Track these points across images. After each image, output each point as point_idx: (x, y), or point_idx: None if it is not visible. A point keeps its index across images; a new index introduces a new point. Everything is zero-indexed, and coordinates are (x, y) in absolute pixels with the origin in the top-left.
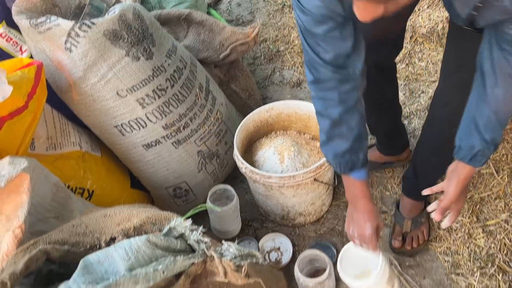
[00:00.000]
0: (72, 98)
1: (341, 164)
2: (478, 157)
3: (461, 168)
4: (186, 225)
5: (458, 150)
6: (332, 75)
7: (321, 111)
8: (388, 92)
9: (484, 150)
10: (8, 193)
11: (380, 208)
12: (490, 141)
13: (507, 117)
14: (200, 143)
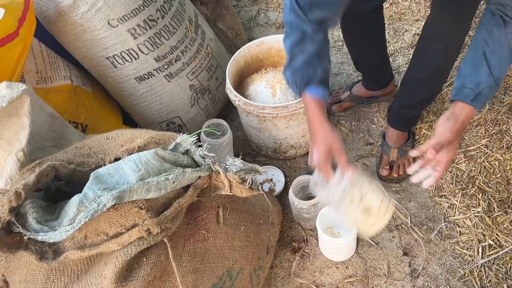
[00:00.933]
0: (62, 29)
1: (297, 80)
2: (481, 97)
3: (459, 110)
4: (192, 140)
5: (460, 91)
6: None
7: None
8: (376, 29)
9: (489, 90)
10: (8, 117)
11: (367, 140)
12: (496, 79)
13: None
14: (192, 77)
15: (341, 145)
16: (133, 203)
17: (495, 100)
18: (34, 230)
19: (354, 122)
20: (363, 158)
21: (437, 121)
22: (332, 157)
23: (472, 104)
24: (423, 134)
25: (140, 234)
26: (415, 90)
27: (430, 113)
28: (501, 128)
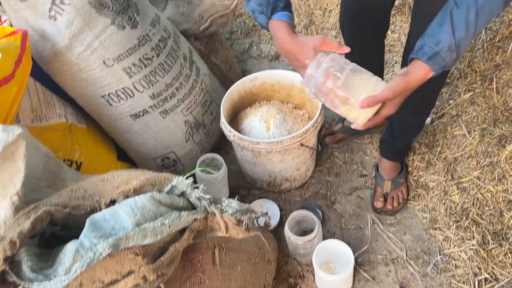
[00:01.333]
0: (58, 69)
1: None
2: (439, 58)
3: (413, 68)
4: (188, 182)
5: (419, 49)
6: None
7: None
8: (378, 54)
9: (447, 52)
10: (4, 160)
11: (361, 172)
12: (457, 42)
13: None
14: (187, 113)
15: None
16: (129, 249)
17: (485, 133)
18: (28, 279)
19: (347, 153)
20: (357, 190)
21: (428, 152)
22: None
23: (428, 62)
24: (416, 166)
25: (136, 281)
26: (403, 117)
27: (422, 145)
28: (492, 160)
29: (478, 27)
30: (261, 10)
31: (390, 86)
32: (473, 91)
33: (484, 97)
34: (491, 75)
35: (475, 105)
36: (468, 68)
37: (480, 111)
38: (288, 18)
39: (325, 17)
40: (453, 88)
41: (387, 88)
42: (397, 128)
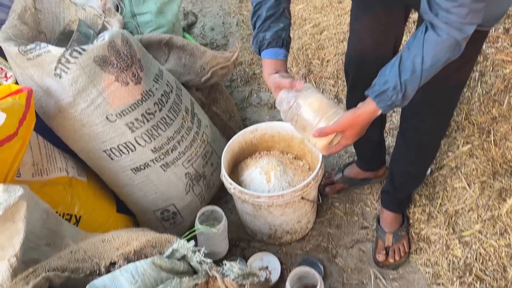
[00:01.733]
0: (61, 124)
1: (254, 45)
2: (385, 96)
3: (364, 104)
4: (189, 246)
5: (372, 86)
6: None
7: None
8: None
9: (393, 91)
10: (4, 221)
11: (362, 224)
12: (403, 83)
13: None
14: (187, 165)
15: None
16: None
17: (485, 186)
18: None
19: (348, 204)
20: (359, 243)
21: (429, 204)
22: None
23: (375, 100)
24: (417, 218)
25: None
26: (403, 168)
27: (422, 196)
28: (493, 213)
29: (425, 72)
30: (255, 47)
31: (339, 120)
32: (472, 143)
33: (482, 150)
34: (489, 128)
35: (474, 158)
36: (466, 121)
37: (479, 164)
38: (271, 55)
39: (323, 67)
40: (451, 140)
41: (336, 121)
42: (398, 179)
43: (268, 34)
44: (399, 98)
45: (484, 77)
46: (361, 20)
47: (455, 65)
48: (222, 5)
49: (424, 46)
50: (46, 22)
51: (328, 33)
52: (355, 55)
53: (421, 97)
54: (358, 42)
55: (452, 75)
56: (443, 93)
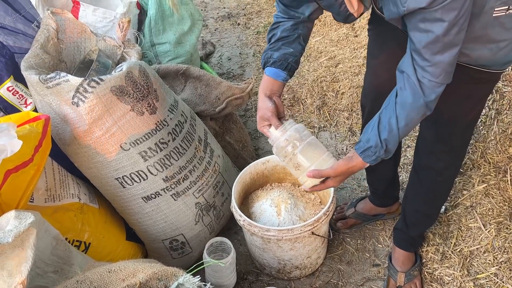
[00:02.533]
0: (75, 151)
1: (262, 60)
2: (369, 152)
3: (355, 157)
4: (195, 281)
5: (358, 142)
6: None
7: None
8: None
9: (375, 148)
10: (13, 248)
11: (374, 261)
12: (383, 141)
13: (405, 125)
14: (198, 195)
15: (271, 112)
16: None
17: (501, 227)
18: None
19: (359, 240)
20: (369, 281)
21: (443, 244)
22: (267, 121)
23: (361, 155)
24: (430, 258)
25: None
26: (416, 206)
27: (436, 235)
28: (509, 256)
29: (401, 129)
30: (261, 63)
31: (334, 166)
32: (487, 182)
33: (498, 189)
34: (505, 167)
35: (490, 197)
36: (481, 159)
37: (495, 204)
38: (273, 74)
39: (337, 99)
40: (466, 178)
41: (331, 167)
42: (411, 217)
43: (276, 54)
44: (382, 153)
45: (500, 116)
46: (378, 56)
47: (467, 106)
48: (240, 36)
49: (396, 108)
50: (67, 51)
51: (344, 66)
52: (372, 90)
53: (435, 137)
54: (374, 78)
55: (465, 115)
56: (457, 132)
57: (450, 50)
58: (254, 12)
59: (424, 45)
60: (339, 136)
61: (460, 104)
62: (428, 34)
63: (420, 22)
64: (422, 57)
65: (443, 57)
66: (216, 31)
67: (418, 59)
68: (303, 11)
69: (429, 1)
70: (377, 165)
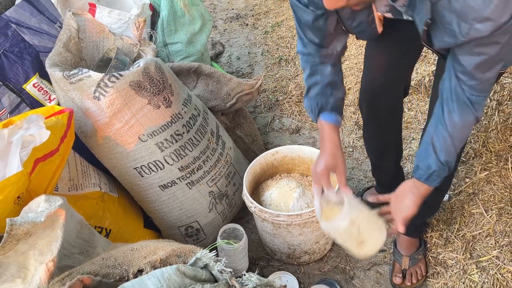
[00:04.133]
0: (96, 142)
1: (312, 107)
2: (433, 177)
3: (419, 186)
4: (211, 256)
5: (416, 170)
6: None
7: (303, 65)
8: (393, 134)
9: (439, 171)
10: (44, 228)
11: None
12: (444, 163)
13: (461, 141)
14: (211, 184)
15: (344, 166)
16: None
17: (502, 212)
18: None
19: None
20: (376, 266)
21: (446, 229)
22: (331, 173)
23: (426, 183)
24: (434, 243)
25: None
26: None
27: (440, 221)
28: (510, 239)
29: (457, 147)
30: (310, 108)
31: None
32: (489, 170)
33: (500, 177)
34: (506, 155)
35: (492, 184)
36: (483, 148)
37: (497, 190)
38: (334, 119)
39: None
40: (468, 166)
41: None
42: None
43: (331, 99)
44: (447, 171)
45: (501, 106)
46: (375, 58)
47: None
48: (249, 36)
49: (449, 130)
50: (87, 50)
51: (350, 63)
52: (368, 91)
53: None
54: (371, 80)
55: None
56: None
57: (498, 65)
58: (262, 12)
59: (475, 66)
60: (346, 130)
61: None
62: (480, 56)
63: (475, 47)
64: (471, 77)
65: (491, 73)
66: (225, 32)
67: (466, 79)
68: (335, 47)
69: (492, 30)
70: (380, 162)
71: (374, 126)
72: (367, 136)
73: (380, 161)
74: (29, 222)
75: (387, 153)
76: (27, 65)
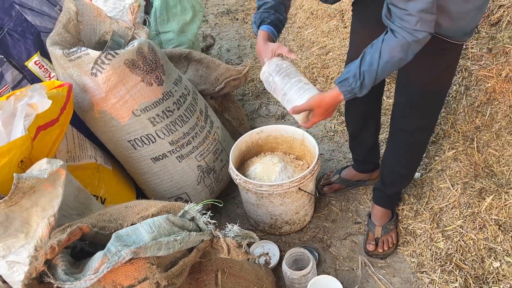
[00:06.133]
0: (93, 116)
1: (256, 20)
2: (346, 83)
3: (332, 89)
4: (197, 209)
5: (339, 76)
6: None
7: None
8: (374, 104)
9: (354, 79)
10: (46, 187)
11: (355, 220)
12: (362, 73)
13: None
14: (200, 158)
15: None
16: (146, 259)
17: (467, 186)
18: (62, 280)
19: (343, 202)
20: (351, 236)
21: (417, 203)
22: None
23: (338, 84)
24: (405, 215)
25: (150, 287)
26: (392, 167)
27: (411, 196)
28: (473, 210)
29: (381, 67)
30: (255, 21)
31: (308, 101)
32: (456, 149)
33: (466, 155)
34: (472, 136)
35: (458, 161)
36: (452, 129)
37: (463, 167)
38: (268, 30)
39: (327, 84)
40: (438, 146)
41: (306, 101)
42: (387, 177)
43: (272, 17)
44: (358, 86)
45: (468, 91)
46: (359, 33)
47: (433, 72)
48: (238, 30)
49: (382, 44)
50: (85, 32)
51: (333, 54)
52: None
53: (406, 102)
54: (355, 53)
55: (432, 82)
56: (425, 98)
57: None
58: (251, 8)
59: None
60: None
61: (426, 73)
62: None
63: None
64: (397, 8)
65: (416, 4)
66: (216, 26)
67: (395, 10)
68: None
69: None
70: (360, 132)
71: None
72: (349, 107)
73: (360, 131)
74: (34, 177)
75: (367, 124)
76: (29, 43)
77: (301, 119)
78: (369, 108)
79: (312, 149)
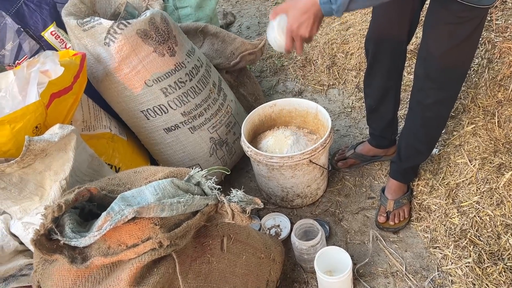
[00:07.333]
0: (107, 87)
1: None
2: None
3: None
4: (203, 174)
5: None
6: None
7: None
8: (395, 78)
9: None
10: (58, 151)
11: (369, 195)
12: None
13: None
14: (212, 130)
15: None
16: (150, 220)
17: (485, 161)
18: (68, 238)
19: (357, 178)
20: (364, 210)
21: (433, 178)
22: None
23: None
24: (420, 190)
25: (153, 246)
26: (409, 141)
27: (427, 171)
28: (491, 186)
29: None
30: None
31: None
32: (476, 124)
33: (486, 130)
34: (494, 111)
35: (477, 137)
36: (472, 104)
37: (482, 142)
38: None
39: (346, 59)
40: (457, 121)
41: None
42: (404, 151)
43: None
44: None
45: (491, 64)
46: (382, 5)
47: (452, 43)
48: (259, 7)
49: None
50: (100, 4)
51: (354, 29)
52: (374, 35)
53: (424, 74)
54: (377, 24)
55: (451, 54)
56: (443, 70)
57: None
58: None
59: None
60: (346, 93)
61: (445, 42)
62: None
63: None
64: None
65: None
66: (237, 3)
67: None
68: None
69: None
70: (379, 106)
71: (379, 69)
72: (370, 78)
73: (379, 105)
74: (45, 140)
75: (387, 97)
76: (45, 14)
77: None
78: (389, 81)
79: (325, 122)
